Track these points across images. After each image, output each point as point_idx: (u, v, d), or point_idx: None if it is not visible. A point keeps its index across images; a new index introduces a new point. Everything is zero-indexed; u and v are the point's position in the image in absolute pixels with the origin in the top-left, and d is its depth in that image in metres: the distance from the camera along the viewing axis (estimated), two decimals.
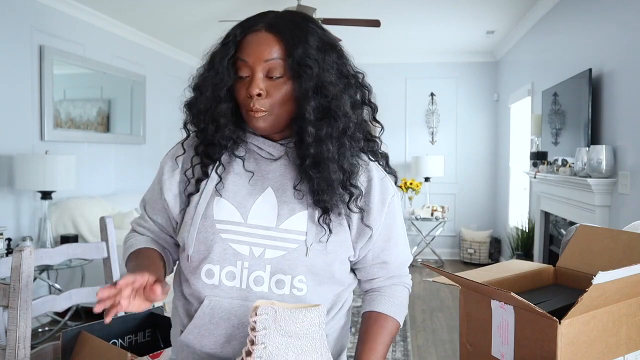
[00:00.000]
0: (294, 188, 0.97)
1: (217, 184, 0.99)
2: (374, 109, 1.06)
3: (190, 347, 0.99)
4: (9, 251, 3.20)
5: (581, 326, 0.78)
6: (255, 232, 0.96)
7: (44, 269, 3.40)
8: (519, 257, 4.42)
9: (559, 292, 1.01)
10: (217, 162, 1.01)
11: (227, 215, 0.97)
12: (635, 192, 2.53)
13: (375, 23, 3.80)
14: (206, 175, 1.00)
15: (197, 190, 1.00)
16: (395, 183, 1.07)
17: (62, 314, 3.66)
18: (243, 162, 1.01)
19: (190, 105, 1.00)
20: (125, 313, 1.64)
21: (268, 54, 0.92)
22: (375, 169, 1.03)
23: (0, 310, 1.41)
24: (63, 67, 3.99)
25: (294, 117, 0.96)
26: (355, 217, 0.99)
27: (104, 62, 4.50)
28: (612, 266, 0.75)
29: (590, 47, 3.12)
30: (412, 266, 4.59)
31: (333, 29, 4.38)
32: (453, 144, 6.16)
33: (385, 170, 1.06)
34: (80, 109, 4.27)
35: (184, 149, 1.05)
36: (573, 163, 3.05)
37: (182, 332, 1.00)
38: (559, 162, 3.38)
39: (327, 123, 0.93)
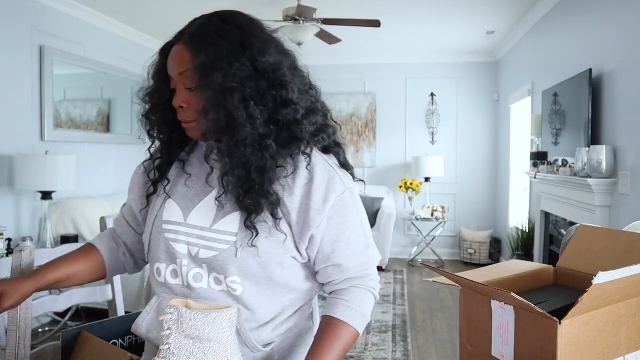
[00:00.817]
0: (222, 187, 0.98)
1: (166, 186, 1.05)
2: (298, 106, 0.98)
3: (140, 336, 1.06)
4: (9, 251, 3.20)
5: (581, 326, 0.78)
6: (192, 231, 0.99)
7: None
8: (519, 257, 4.42)
9: (559, 292, 1.01)
10: (172, 166, 1.08)
11: (172, 215, 1.02)
12: (635, 192, 2.53)
13: (375, 23, 3.79)
14: (162, 177, 1.06)
15: (155, 191, 1.06)
16: (352, 177, 1.04)
17: (62, 314, 3.66)
18: (194, 165, 1.06)
19: (143, 114, 1.06)
20: (125, 312, 1.64)
21: (180, 67, 0.95)
22: (319, 168, 0.97)
23: None
24: (63, 67, 3.99)
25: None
26: (293, 218, 0.96)
27: (104, 62, 4.50)
28: (612, 266, 0.75)
29: (590, 47, 3.12)
30: (412, 266, 4.56)
31: (333, 29, 4.38)
32: (453, 144, 6.16)
33: (340, 164, 1.03)
34: (80, 109, 4.27)
35: (150, 154, 1.12)
36: (573, 163, 3.05)
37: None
38: (559, 162, 3.38)
39: (240, 128, 0.91)
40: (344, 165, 1.05)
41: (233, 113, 0.91)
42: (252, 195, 0.93)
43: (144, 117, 1.06)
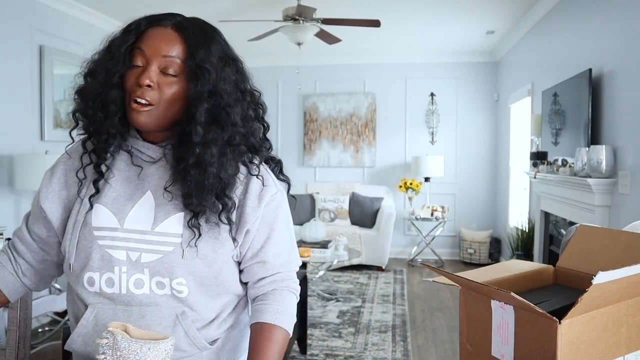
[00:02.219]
0: (165, 189, 0.96)
1: (94, 193, 0.98)
2: (265, 127, 1.07)
3: (78, 353, 0.99)
4: None
5: (581, 326, 0.78)
6: (131, 236, 0.95)
7: None
8: (519, 257, 4.42)
9: (559, 292, 1.01)
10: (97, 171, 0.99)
11: (104, 221, 0.96)
12: (635, 192, 2.53)
13: (375, 23, 3.79)
14: (101, 175, 0.98)
15: (98, 191, 0.98)
16: (288, 190, 1.09)
17: (62, 314, 3.66)
18: (123, 166, 1.00)
19: (81, 91, 0.97)
20: None
21: (168, 50, 0.93)
22: (254, 179, 1.01)
23: (0, 310, 1.41)
24: (63, 67, 3.99)
25: (178, 120, 0.96)
26: (232, 217, 0.98)
27: None
28: (612, 266, 0.75)
29: (590, 47, 3.12)
30: (412, 266, 4.57)
31: (333, 29, 4.38)
32: (453, 144, 6.16)
33: (278, 178, 1.07)
34: None
35: (68, 155, 1.04)
36: (573, 163, 3.05)
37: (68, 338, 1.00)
38: (559, 162, 3.38)
39: (215, 129, 0.93)
40: (282, 179, 1.09)
41: (227, 111, 0.94)
42: (206, 196, 0.93)
43: (80, 93, 0.97)
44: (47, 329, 3.63)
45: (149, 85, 0.91)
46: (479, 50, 5.90)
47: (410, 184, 5.86)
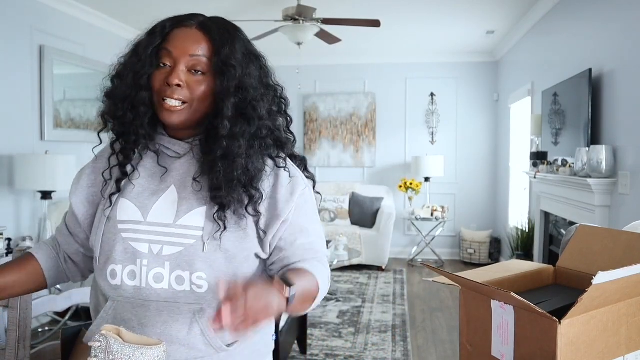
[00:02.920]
0: (193, 179, 0.98)
1: (116, 190, 1.01)
2: (289, 120, 1.09)
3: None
4: (9, 251, 3.20)
5: (581, 326, 0.78)
6: (154, 229, 0.97)
7: None
8: (519, 257, 4.42)
9: (559, 292, 1.01)
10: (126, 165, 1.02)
11: (128, 215, 0.99)
12: (635, 192, 2.53)
13: (375, 23, 3.79)
14: (125, 175, 1.01)
15: (119, 190, 1.01)
16: (314, 187, 1.10)
17: (62, 314, 3.66)
18: (148, 162, 1.03)
19: (110, 94, 1.00)
20: None
21: (195, 49, 0.96)
22: (283, 174, 1.02)
23: (0, 310, 1.41)
24: (63, 67, 3.99)
25: (206, 116, 0.98)
26: (261, 214, 0.99)
27: (104, 62, 4.50)
28: (612, 266, 0.75)
29: (590, 47, 3.12)
30: (412, 266, 4.57)
31: (333, 29, 4.38)
32: (453, 144, 6.16)
33: (304, 175, 1.08)
34: (80, 109, 4.27)
35: (95, 156, 1.10)
36: (573, 163, 3.05)
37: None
38: (559, 162, 3.38)
39: (242, 122, 0.96)
40: (307, 176, 1.10)
41: (254, 105, 0.96)
42: (234, 188, 0.95)
43: (109, 95, 0.99)
44: (47, 329, 3.63)
45: (178, 85, 0.94)
46: (479, 50, 5.90)
47: (410, 184, 5.86)
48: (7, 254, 3.15)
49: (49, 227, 3.54)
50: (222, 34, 0.98)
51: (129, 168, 1.02)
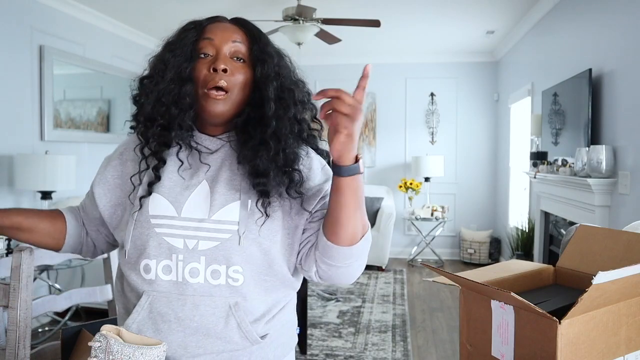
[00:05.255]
0: (238, 163, 0.99)
1: (151, 181, 1.01)
2: (314, 110, 1.10)
3: None
4: (9, 251, 3.20)
5: (581, 326, 0.78)
6: (188, 224, 0.97)
7: (44, 269, 3.40)
8: (519, 257, 4.42)
9: (559, 292, 1.01)
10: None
11: (161, 210, 0.98)
12: (635, 192, 2.53)
13: (375, 23, 3.79)
14: (158, 179, 1.00)
15: (150, 194, 1.00)
16: None
17: (62, 314, 3.66)
18: (180, 157, 1.03)
19: (146, 93, 1.00)
20: None
21: (235, 36, 1.00)
22: (316, 157, 1.07)
23: (0, 310, 1.41)
24: (63, 67, 3.99)
25: (242, 106, 1.00)
26: (295, 202, 1.00)
27: (104, 62, 4.50)
28: (612, 266, 0.75)
29: (590, 47, 3.12)
30: (412, 266, 4.57)
31: (333, 29, 4.38)
32: (453, 144, 6.16)
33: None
34: (80, 109, 4.27)
35: (120, 149, 1.10)
36: (573, 163, 3.05)
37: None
38: (559, 162, 3.38)
39: (283, 105, 0.99)
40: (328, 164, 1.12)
41: (291, 92, 1.01)
42: (277, 172, 0.97)
43: (149, 92, 0.99)
44: (47, 329, 3.63)
45: (224, 70, 0.96)
46: (479, 50, 5.90)
47: (410, 184, 5.85)
48: (7, 254, 3.15)
49: None
50: (254, 28, 1.04)
51: (161, 170, 1.01)
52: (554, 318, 0.76)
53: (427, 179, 5.92)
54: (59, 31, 3.95)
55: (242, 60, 1.00)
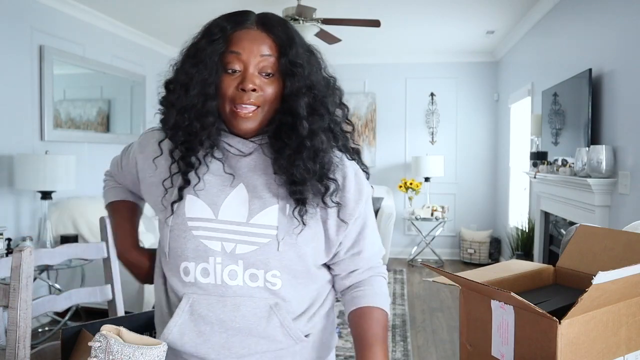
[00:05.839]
0: (274, 174, 0.97)
1: (182, 186, 0.98)
2: (346, 111, 1.09)
3: (171, 345, 0.99)
4: (9, 251, 3.21)
5: (581, 326, 0.78)
6: (226, 227, 0.95)
7: (44, 269, 3.40)
8: (519, 257, 4.42)
9: (559, 292, 1.01)
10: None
11: (198, 212, 0.97)
12: (635, 192, 2.53)
13: (375, 23, 3.80)
14: (188, 183, 0.97)
15: (181, 198, 0.98)
16: (367, 179, 1.10)
17: (62, 314, 3.66)
18: (214, 159, 1.00)
19: (171, 103, 0.97)
20: (126, 312, 1.65)
21: (263, 49, 0.93)
22: (350, 164, 1.04)
23: (0, 310, 1.41)
24: (63, 67, 3.99)
25: (275, 114, 0.98)
26: (331, 211, 0.99)
27: (104, 62, 4.50)
28: (612, 266, 0.75)
29: (590, 47, 3.12)
30: (412, 266, 4.57)
31: (333, 29, 4.38)
32: (453, 144, 6.16)
33: (359, 166, 1.08)
34: (80, 109, 4.27)
35: (161, 150, 1.01)
36: (573, 163, 3.05)
37: (162, 331, 1.00)
38: (559, 162, 3.38)
39: (316, 118, 0.96)
40: (362, 169, 1.10)
41: (324, 101, 0.98)
42: (313, 182, 0.95)
43: (172, 104, 0.96)
44: (47, 329, 3.62)
45: (254, 90, 0.92)
46: (479, 50, 5.90)
47: (410, 184, 5.85)
48: (7, 254, 3.15)
49: (49, 227, 3.55)
50: (283, 31, 0.96)
51: (191, 175, 0.98)
52: (554, 318, 0.76)
53: (427, 179, 5.92)
54: (59, 31, 3.95)
55: (271, 75, 0.94)
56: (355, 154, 1.08)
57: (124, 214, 1.16)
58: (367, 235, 1.05)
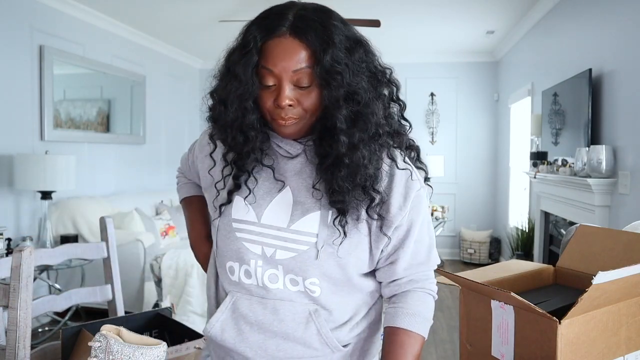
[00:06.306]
0: (313, 187, 0.94)
1: (231, 189, 0.98)
2: (402, 106, 1.01)
3: (213, 338, 1.00)
4: (9, 251, 3.20)
5: (581, 326, 0.78)
6: (267, 232, 0.95)
7: (44, 269, 3.40)
8: (519, 257, 4.42)
9: (559, 292, 1.01)
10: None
11: (243, 214, 0.97)
12: (635, 192, 2.53)
13: (375, 23, 3.80)
14: (238, 187, 0.97)
15: (230, 202, 0.98)
16: (426, 179, 1.03)
17: (62, 314, 3.66)
18: (264, 167, 0.97)
19: (215, 119, 0.95)
20: (126, 312, 1.64)
21: (296, 63, 0.86)
22: (400, 174, 0.97)
23: (0, 310, 1.41)
24: (63, 67, 3.99)
25: (319, 118, 0.92)
26: (374, 223, 0.95)
27: (104, 62, 4.50)
28: (612, 266, 0.75)
29: (590, 47, 3.12)
30: None
31: None
32: (453, 144, 6.16)
33: (415, 165, 1.02)
34: (80, 109, 4.27)
35: (213, 161, 1.03)
36: (573, 163, 3.05)
37: (208, 320, 1.02)
38: (559, 162, 3.38)
39: (359, 130, 0.89)
40: (419, 167, 1.04)
41: (368, 110, 0.89)
42: (354, 193, 0.90)
43: (215, 120, 0.95)
44: (47, 329, 3.62)
45: (290, 105, 0.88)
46: (479, 50, 5.90)
47: None
48: (7, 254, 3.16)
49: (49, 227, 3.55)
50: (318, 34, 0.87)
51: (242, 179, 0.97)
52: (554, 318, 0.76)
53: (427, 179, 5.90)
54: (59, 31, 3.95)
55: (308, 87, 0.88)
56: (413, 152, 1.03)
57: (195, 208, 1.19)
58: (408, 245, 0.97)
